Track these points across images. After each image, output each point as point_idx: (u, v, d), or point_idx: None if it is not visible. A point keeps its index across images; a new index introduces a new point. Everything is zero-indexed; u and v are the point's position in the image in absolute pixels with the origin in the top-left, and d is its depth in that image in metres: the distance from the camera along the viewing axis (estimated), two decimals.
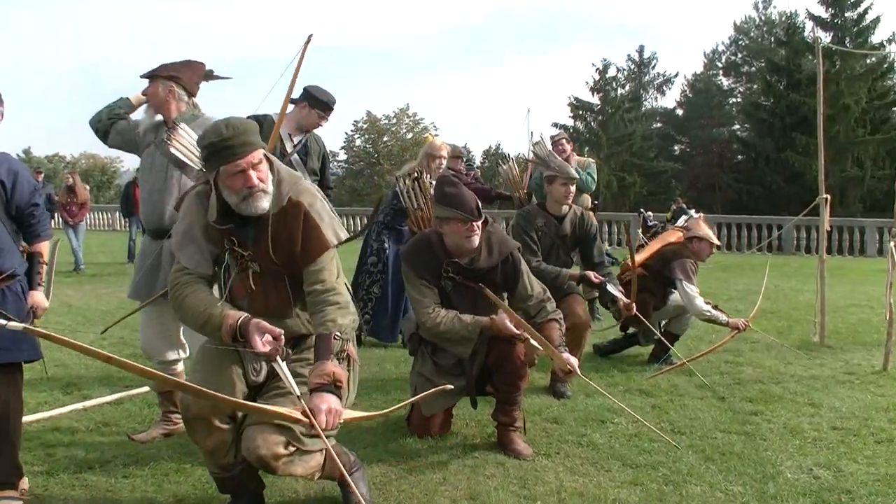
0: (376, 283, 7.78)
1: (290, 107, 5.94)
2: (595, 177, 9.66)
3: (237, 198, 3.34)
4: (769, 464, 4.49)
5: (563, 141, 9.55)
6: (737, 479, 4.26)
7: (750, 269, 17.51)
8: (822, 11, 40.50)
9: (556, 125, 49.28)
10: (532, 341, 4.61)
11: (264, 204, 3.37)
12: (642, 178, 46.17)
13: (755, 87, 51.02)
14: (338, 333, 3.31)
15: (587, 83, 50.88)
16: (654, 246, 7.34)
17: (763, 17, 57.51)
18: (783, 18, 50.43)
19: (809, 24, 42.05)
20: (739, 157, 46.71)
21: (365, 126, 56.91)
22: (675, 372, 6.70)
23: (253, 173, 3.32)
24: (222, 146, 3.28)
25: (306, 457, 3.42)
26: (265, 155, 3.42)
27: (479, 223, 4.72)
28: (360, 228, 8.36)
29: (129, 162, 55.60)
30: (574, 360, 4.74)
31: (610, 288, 6.37)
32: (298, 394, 3.16)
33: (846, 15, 39.75)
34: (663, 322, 7.28)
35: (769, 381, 6.47)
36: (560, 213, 6.43)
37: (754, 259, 20.08)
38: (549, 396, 5.95)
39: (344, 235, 3.59)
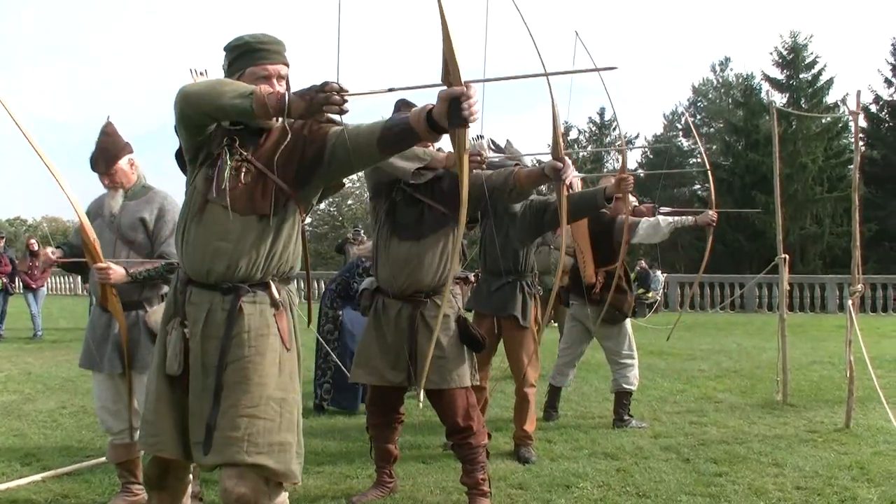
0: (334, 350, 7.64)
1: None
2: None
3: None
4: None
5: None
6: None
7: (713, 327, 17.64)
8: (777, 73, 41.43)
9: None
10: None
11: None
12: None
13: (714, 147, 51.83)
14: None
15: (548, 145, 51.39)
16: (582, 243, 7.09)
17: (721, 80, 58.70)
18: (740, 80, 51.49)
19: (766, 86, 43.03)
20: (698, 212, 47.21)
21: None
22: (640, 434, 6.71)
23: (276, 83, 3.28)
24: (258, 47, 3.28)
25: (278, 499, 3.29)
26: (287, 80, 3.36)
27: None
28: (323, 292, 8.22)
29: None
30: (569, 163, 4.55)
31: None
32: None
33: (801, 76, 40.64)
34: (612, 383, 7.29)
35: (733, 442, 6.48)
36: None
37: (717, 317, 20.25)
38: (514, 461, 5.91)
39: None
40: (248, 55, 3.28)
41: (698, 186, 52.69)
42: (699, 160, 54.30)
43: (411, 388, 4.87)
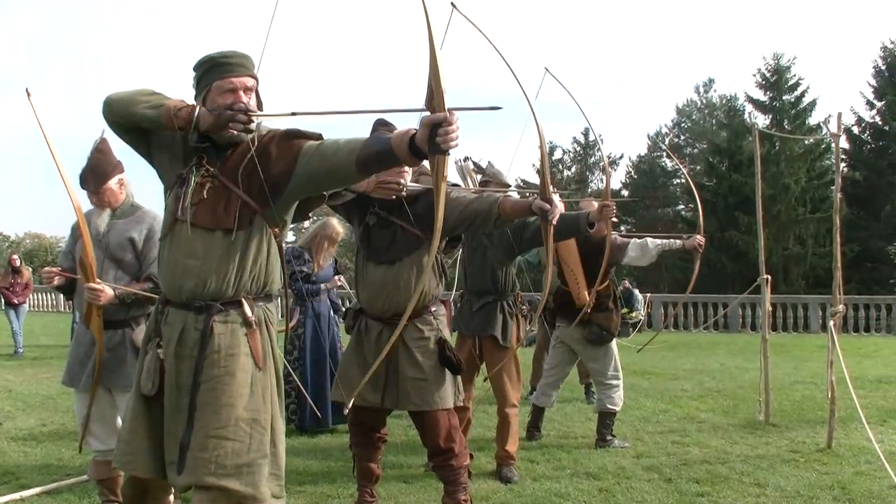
0: (295, 370, 7.47)
1: None
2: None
3: None
4: None
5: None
6: None
7: (697, 347, 17.69)
8: (760, 95, 41.73)
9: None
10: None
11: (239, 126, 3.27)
12: None
13: (698, 168, 52.11)
14: None
15: (533, 165, 51.65)
16: (573, 264, 7.02)
17: (704, 101, 59.08)
18: (724, 101, 51.88)
19: (749, 107, 43.36)
20: (684, 236, 47.39)
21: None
22: (622, 454, 6.72)
23: (243, 95, 3.27)
24: (222, 61, 3.28)
25: None
26: (256, 92, 3.36)
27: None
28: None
29: None
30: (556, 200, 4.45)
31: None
32: None
33: (784, 98, 40.93)
34: (595, 405, 7.29)
35: (716, 462, 6.49)
36: None
37: (701, 337, 20.30)
38: (496, 481, 5.90)
39: None
40: (214, 70, 3.28)
41: (682, 207, 52.93)
42: (683, 181, 54.74)
43: (391, 408, 4.90)
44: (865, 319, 22.82)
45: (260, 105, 3.34)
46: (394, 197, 4.66)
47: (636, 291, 22.35)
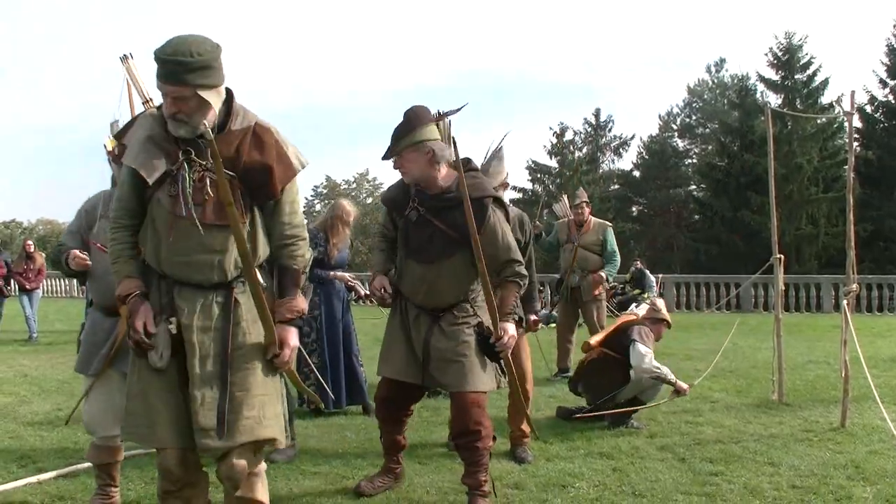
0: (313, 352, 7.45)
1: None
2: (613, 240, 10.03)
3: (169, 116, 3.38)
4: None
5: (584, 205, 9.90)
6: None
7: (709, 327, 17.63)
8: (772, 74, 41.54)
9: (514, 188, 49.86)
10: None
11: (181, 132, 3.36)
12: None
13: (710, 148, 51.90)
14: (305, 269, 3.60)
15: (545, 147, 51.48)
16: (613, 326, 7.51)
17: (716, 80, 58.83)
18: (735, 81, 51.58)
19: (761, 87, 43.13)
20: (696, 216, 47.31)
21: (325, 191, 57.09)
22: (636, 434, 6.72)
23: (172, 103, 3.32)
24: (158, 60, 3.28)
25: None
26: (201, 96, 3.31)
27: (395, 159, 4.68)
28: None
29: None
30: (510, 330, 4.61)
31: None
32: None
33: (796, 77, 40.72)
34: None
35: (729, 441, 6.49)
36: None
37: (713, 318, 20.24)
38: (510, 462, 5.92)
39: (305, 161, 3.64)
40: (159, 70, 3.31)
41: (694, 187, 52.73)
42: (694, 161, 54.55)
43: (429, 387, 5.04)
44: (879, 299, 22.74)
45: (230, 103, 3.37)
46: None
47: (648, 272, 22.29)
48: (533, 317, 6.36)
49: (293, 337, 3.47)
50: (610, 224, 10.69)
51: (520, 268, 4.77)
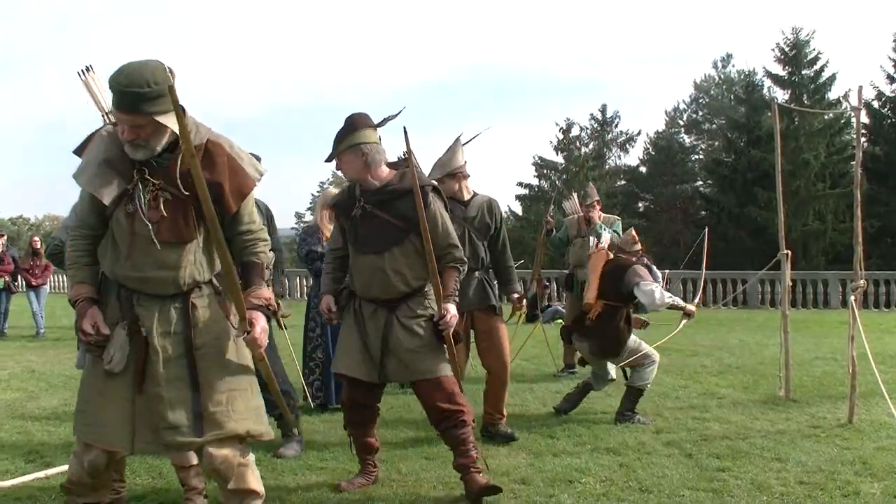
0: (318, 347, 7.57)
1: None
2: (621, 233, 9.99)
3: (125, 141, 3.45)
4: None
5: (595, 204, 9.92)
6: None
7: (716, 323, 17.64)
8: (779, 70, 41.38)
9: (521, 184, 49.83)
10: None
11: (139, 155, 3.45)
12: None
13: (716, 143, 51.78)
14: (268, 266, 3.77)
15: (551, 142, 51.37)
16: (594, 276, 7.32)
17: (722, 76, 58.70)
18: (742, 77, 51.49)
19: (767, 82, 43.00)
20: (703, 212, 47.18)
21: (332, 187, 57.20)
22: (643, 430, 6.72)
23: (130, 130, 3.40)
24: (114, 90, 3.36)
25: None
26: (158, 121, 3.38)
27: (336, 160, 5.00)
28: (309, 292, 8.12)
29: None
30: (452, 310, 4.91)
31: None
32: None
33: (803, 73, 40.60)
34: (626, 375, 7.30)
35: (736, 437, 6.48)
36: (462, 198, 6.56)
37: (720, 314, 20.23)
38: (516, 456, 5.92)
39: (263, 170, 3.75)
40: (114, 98, 3.38)
41: (700, 183, 52.62)
42: (701, 157, 54.43)
43: (387, 382, 5.19)
44: (886, 295, 22.69)
45: (180, 121, 3.26)
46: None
47: (654, 268, 22.22)
48: (515, 295, 6.89)
49: (262, 319, 3.57)
50: (618, 218, 10.68)
51: (459, 253, 5.09)
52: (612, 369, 7.45)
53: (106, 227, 3.58)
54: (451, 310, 4.90)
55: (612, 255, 7.47)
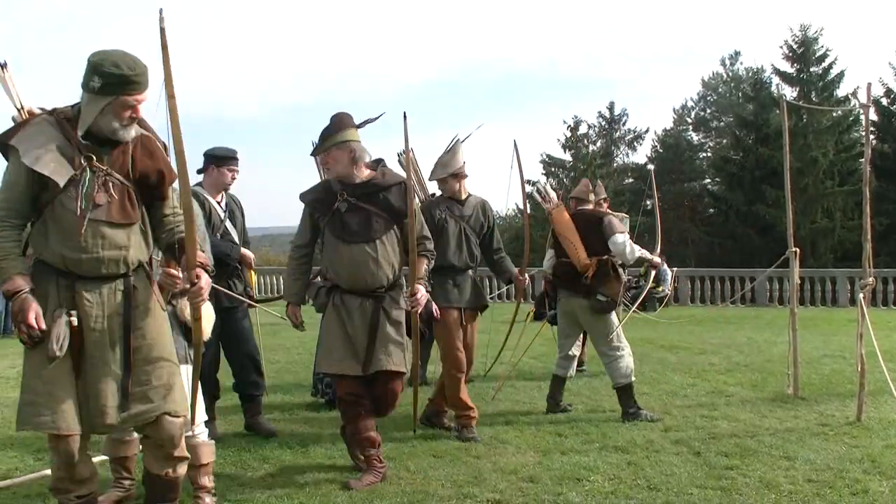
0: None
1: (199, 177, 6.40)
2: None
3: (120, 125, 3.69)
4: None
5: (602, 202, 9.96)
6: None
7: (724, 321, 17.60)
8: (787, 67, 41.20)
9: (528, 182, 49.65)
10: None
11: (132, 133, 3.77)
12: None
13: (724, 141, 51.62)
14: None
15: (559, 140, 51.27)
16: (574, 237, 7.27)
17: (730, 74, 58.47)
18: (750, 74, 51.25)
19: (776, 80, 42.83)
20: (711, 210, 47.05)
21: None
22: (651, 427, 6.72)
23: (136, 109, 3.71)
24: (133, 79, 3.63)
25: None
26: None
27: (322, 156, 5.50)
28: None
29: None
30: (421, 290, 5.39)
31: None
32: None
33: (811, 70, 40.43)
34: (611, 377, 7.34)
35: (744, 435, 6.48)
36: (460, 197, 6.79)
37: (728, 312, 20.19)
38: (525, 455, 5.93)
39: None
40: (121, 86, 3.62)
41: (708, 181, 52.47)
42: (709, 155, 54.27)
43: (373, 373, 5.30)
44: (895, 293, 22.61)
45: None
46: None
47: (664, 266, 22.18)
48: (514, 271, 7.09)
49: (204, 275, 3.87)
50: (626, 216, 10.69)
51: (430, 244, 5.55)
52: (576, 347, 7.72)
53: (35, 215, 3.71)
54: (421, 290, 5.36)
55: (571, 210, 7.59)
